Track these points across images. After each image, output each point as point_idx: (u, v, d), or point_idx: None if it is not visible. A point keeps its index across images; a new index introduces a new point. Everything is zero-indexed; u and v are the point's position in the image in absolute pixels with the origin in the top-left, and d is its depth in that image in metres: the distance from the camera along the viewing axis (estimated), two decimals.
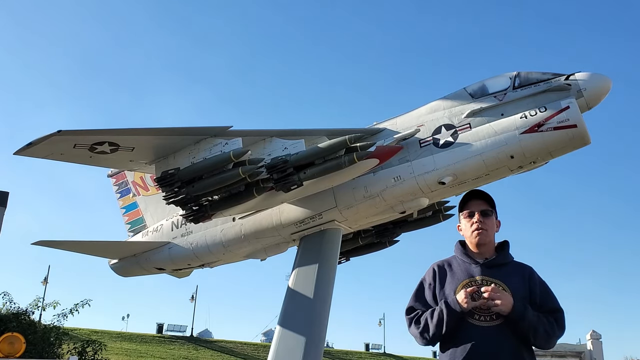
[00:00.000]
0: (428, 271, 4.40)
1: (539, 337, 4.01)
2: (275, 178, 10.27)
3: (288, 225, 11.84)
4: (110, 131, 10.13)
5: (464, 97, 10.82)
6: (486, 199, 4.40)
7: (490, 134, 10.19)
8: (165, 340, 46.80)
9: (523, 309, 3.96)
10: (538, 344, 4.07)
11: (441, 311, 4.06)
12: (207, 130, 10.48)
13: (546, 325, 4.02)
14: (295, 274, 11.33)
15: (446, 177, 10.39)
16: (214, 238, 12.75)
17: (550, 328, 4.03)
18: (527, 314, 3.96)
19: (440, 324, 4.05)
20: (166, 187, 10.66)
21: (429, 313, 4.17)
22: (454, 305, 4.03)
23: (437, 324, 4.07)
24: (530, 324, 3.95)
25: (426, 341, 4.19)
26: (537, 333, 3.99)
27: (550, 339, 4.07)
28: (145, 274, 14.58)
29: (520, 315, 3.94)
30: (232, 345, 49.69)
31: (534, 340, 4.02)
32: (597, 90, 10.09)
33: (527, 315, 3.95)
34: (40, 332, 19.25)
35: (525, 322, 3.95)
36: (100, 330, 42.86)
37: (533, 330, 3.97)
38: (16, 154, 9.72)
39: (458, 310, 4.01)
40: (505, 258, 4.29)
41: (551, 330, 4.04)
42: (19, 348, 12.22)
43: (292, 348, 10.34)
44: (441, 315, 4.05)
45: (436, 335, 4.11)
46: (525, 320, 3.94)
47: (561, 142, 9.87)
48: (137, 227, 15.47)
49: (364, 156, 10.14)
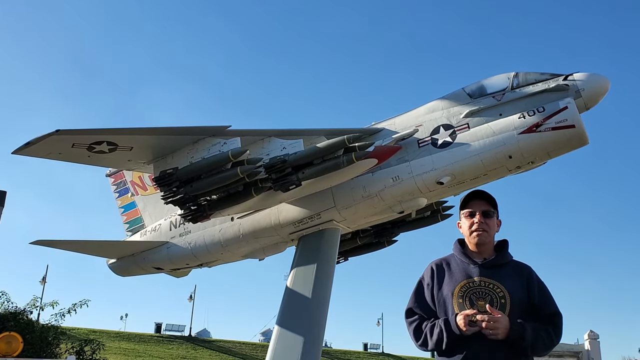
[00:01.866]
0: (426, 270, 4.38)
1: (537, 350, 4.02)
2: (274, 178, 10.27)
3: (286, 225, 11.84)
4: (109, 131, 10.12)
5: (462, 97, 10.83)
6: (488, 199, 4.38)
7: (488, 134, 10.20)
8: (164, 340, 46.75)
9: (521, 331, 3.92)
10: (535, 355, 4.08)
11: (441, 331, 4.05)
12: (205, 130, 10.47)
13: (544, 340, 4.01)
14: (294, 274, 11.33)
15: (444, 177, 10.40)
16: (213, 238, 12.75)
17: (548, 340, 4.03)
18: (525, 335, 3.92)
19: (439, 343, 4.06)
20: (164, 186, 10.66)
21: (428, 328, 4.15)
22: (454, 328, 4.00)
23: (436, 342, 4.08)
24: (528, 343, 3.94)
25: (425, 351, 4.27)
26: (535, 348, 3.99)
27: (548, 350, 4.08)
28: (143, 273, 14.57)
29: (518, 337, 3.92)
30: (231, 345, 49.63)
31: (531, 353, 4.03)
32: (596, 90, 10.10)
33: (525, 336, 3.92)
34: (38, 331, 19.23)
35: (524, 343, 3.93)
36: (98, 329, 42.77)
37: (531, 347, 3.97)
38: (14, 153, 9.71)
39: (457, 333, 3.99)
40: (503, 258, 4.28)
41: (549, 343, 4.04)
42: (17, 347, 12.22)
43: (290, 348, 10.34)
44: (441, 335, 4.04)
45: (434, 350, 4.15)
46: (524, 341, 3.93)
47: (559, 142, 9.89)
48: (136, 226, 15.47)
49: (363, 156, 10.15)
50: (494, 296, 4.06)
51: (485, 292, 4.09)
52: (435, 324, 4.11)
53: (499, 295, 4.07)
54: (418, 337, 4.20)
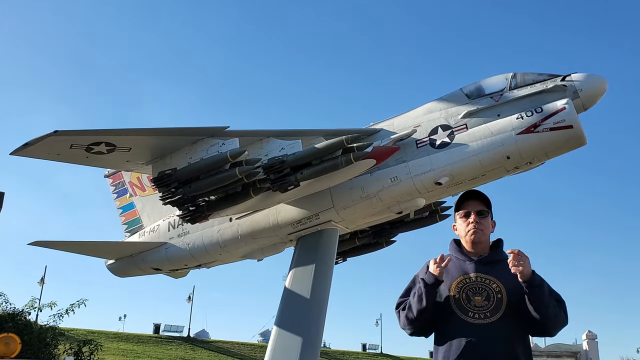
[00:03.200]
0: (422, 267, 4.39)
1: (549, 318, 4.00)
2: (272, 178, 10.28)
3: (285, 226, 11.85)
4: (107, 131, 10.12)
5: (460, 97, 10.85)
6: (482, 199, 4.41)
7: (486, 135, 10.22)
8: (162, 341, 46.70)
9: (540, 279, 3.99)
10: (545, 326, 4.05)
11: (419, 287, 4.14)
12: (204, 131, 10.48)
13: (556, 308, 4.04)
14: (292, 275, 11.33)
15: (443, 178, 10.42)
16: (211, 238, 12.75)
17: (558, 311, 4.05)
18: (544, 283, 4.01)
19: (420, 299, 4.10)
20: (163, 187, 10.66)
21: (411, 296, 4.25)
22: (428, 276, 4.11)
23: (417, 299, 4.13)
24: (545, 296, 3.95)
25: (412, 324, 4.22)
26: (548, 311, 3.97)
27: (558, 323, 4.09)
28: (142, 274, 14.57)
29: (539, 282, 3.95)
30: (229, 345, 49.62)
31: (542, 318, 3.97)
32: (593, 91, 10.13)
33: (544, 285, 4.00)
34: (37, 332, 19.25)
35: (543, 289, 3.96)
36: (96, 330, 42.71)
37: (545, 306, 3.95)
38: (13, 154, 9.72)
39: (432, 279, 4.08)
40: (499, 255, 4.31)
41: (559, 314, 4.06)
42: (15, 348, 12.22)
43: (289, 348, 10.35)
44: (420, 290, 4.12)
45: (420, 313, 4.13)
46: (543, 287, 3.96)
47: (557, 142, 9.91)
48: (134, 227, 15.46)
49: (361, 157, 10.16)
50: (490, 291, 4.09)
51: (482, 287, 4.12)
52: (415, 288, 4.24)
53: (495, 290, 4.09)
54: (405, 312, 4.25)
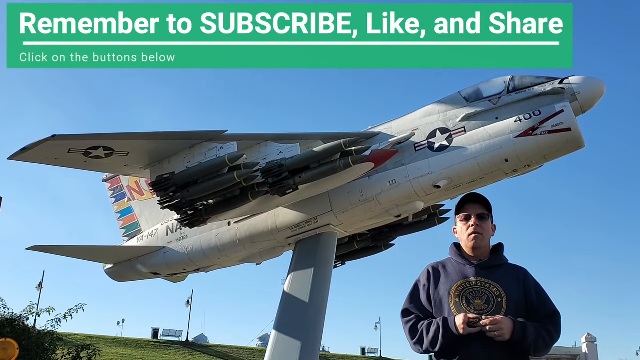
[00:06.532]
0: (423, 272, 4.37)
1: (538, 349, 4.01)
2: (271, 182, 10.26)
3: (283, 230, 11.84)
4: (105, 136, 10.12)
5: (458, 101, 10.86)
6: (483, 202, 4.38)
7: (485, 138, 10.23)
8: (161, 345, 46.57)
9: (523, 330, 3.92)
10: (535, 354, 4.07)
11: (437, 329, 4.02)
12: (202, 135, 10.47)
13: (545, 338, 4.01)
14: (291, 278, 11.32)
15: (441, 181, 10.42)
16: (210, 242, 12.73)
17: (549, 338, 4.02)
18: (527, 333, 3.92)
19: (434, 342, 4.03)
20: (161, 191, 10.64)
21: (425, 326, 4.12)
22: (452, 326, 3.97)
23: (431, 340, 4.04)
24: (531, 342, 3.94)
25: (419, 351, 4.19)
26: (536, 347, 3.98)
27: (548, 348, 4.08)
28: (140, 278, 14.54)
29: (520, 337, 3.91)
30: (228, 350, 49.49)
31: (532, 353, 4.02)
32: (591, 94, 10.15)
33: (527, 334, 3.92)
34: (35, 337, 19.14)
35: (526, 342, 3.93)
36: (95, 335, 42.56)
37: (533, 346, 3.97)
38: (10, 159, 9.70)
39: (455, 333, 3.96)
40: (499, 260, 4.28)
41: (550, 341, 4.04)
42: (12, 354, 12.18)
43: (288, 352, 10.33)
44: (437, 333, 4.02)
45: (429, 350, 4.10)
46: (527, 340, 3.92)
47: (555, 145, 9.93)
48: (132, 231, 15.43)
49: (359, 160, 10.17)
50: (490, 295, 4.06)
51: (482, 291, 4.09)
52: (433, 322, 4.09)
53: (495, 294, 4.06)
54: (413, 335, 4.17)
